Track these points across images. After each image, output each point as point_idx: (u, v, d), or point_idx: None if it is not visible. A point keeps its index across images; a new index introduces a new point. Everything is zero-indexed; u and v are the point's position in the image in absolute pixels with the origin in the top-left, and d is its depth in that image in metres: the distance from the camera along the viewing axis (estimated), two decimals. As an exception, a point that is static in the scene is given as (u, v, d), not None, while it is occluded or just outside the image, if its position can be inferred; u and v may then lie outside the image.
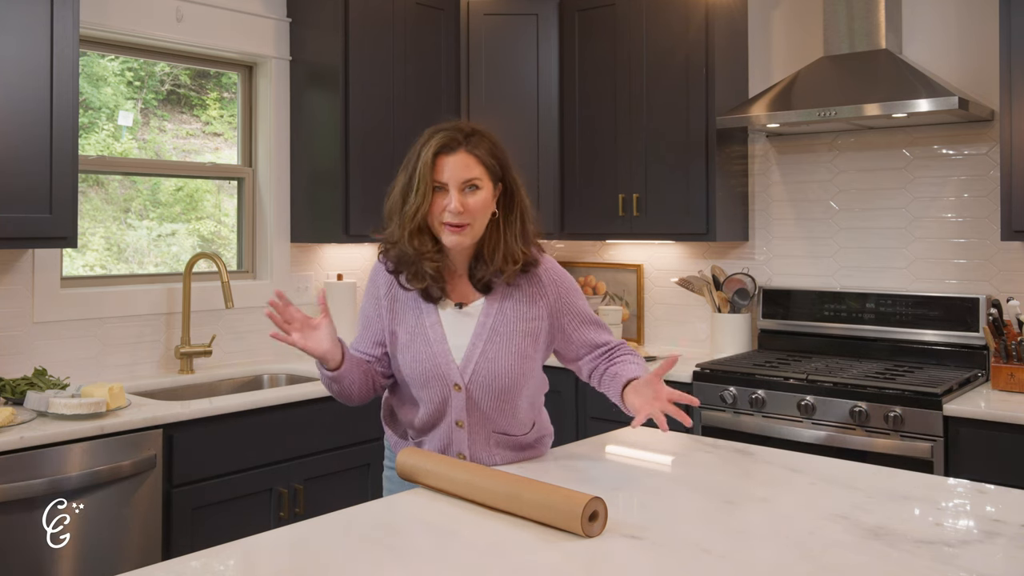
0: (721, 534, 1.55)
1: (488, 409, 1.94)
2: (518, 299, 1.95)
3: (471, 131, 1.89)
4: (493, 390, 1.92)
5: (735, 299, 3.77)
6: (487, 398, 1.93)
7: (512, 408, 1.97)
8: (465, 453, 1.97)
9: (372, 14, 3.66)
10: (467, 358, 1.92)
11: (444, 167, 1.85)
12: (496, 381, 1.91)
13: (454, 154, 1.85)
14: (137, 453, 2.58)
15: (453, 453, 1.98)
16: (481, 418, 1.95)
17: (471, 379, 1.91)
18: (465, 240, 1.88)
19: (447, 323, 1.94)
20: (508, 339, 1.92)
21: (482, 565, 1.44)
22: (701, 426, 3.31)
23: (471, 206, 1.85)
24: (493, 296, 1.95)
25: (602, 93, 3.94)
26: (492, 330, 1.93)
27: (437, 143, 1.86)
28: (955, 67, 3.37)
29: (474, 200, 1.85)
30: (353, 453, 3.17)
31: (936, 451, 2.81)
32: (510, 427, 2.00)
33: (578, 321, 2.02)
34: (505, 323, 1.93)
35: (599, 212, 3.96)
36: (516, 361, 1.92)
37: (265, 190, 3.77)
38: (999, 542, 1.50)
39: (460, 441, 1.96)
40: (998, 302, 3.08)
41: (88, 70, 3.37)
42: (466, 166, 1.85)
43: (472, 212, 1.85)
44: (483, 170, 1.87)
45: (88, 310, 3.16)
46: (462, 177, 1.85)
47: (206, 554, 1.48)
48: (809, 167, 3.75)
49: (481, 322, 1.93)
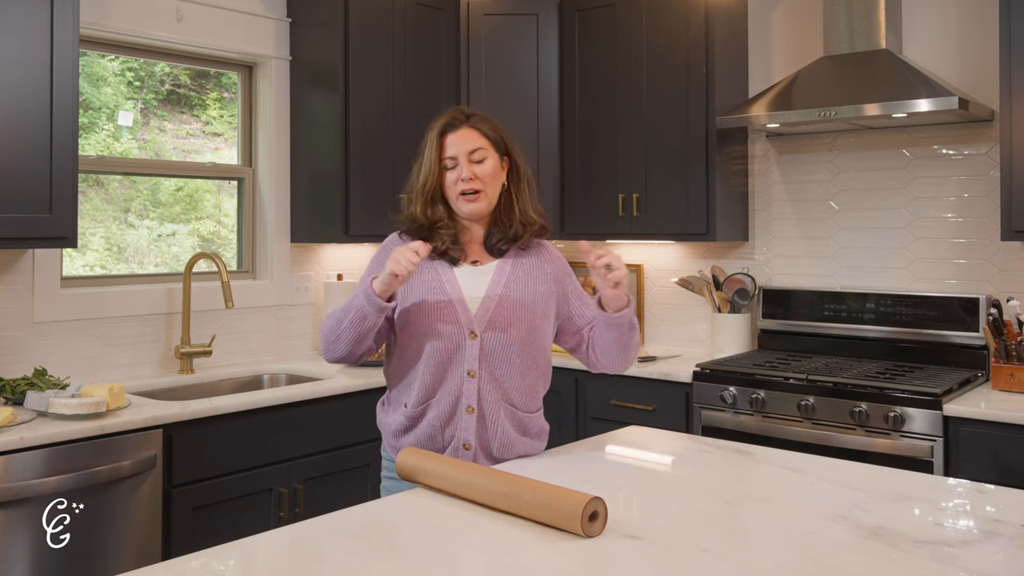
0: (721, 534, 1.55)
1: (500, 360, 2.00)
2: (528, 263, 2.10)
3: (471, 112, 2.10)
4: (506, 341, 2.01)
5: (735, 299, 3.77)
6: (500, 348, 2.01)
7: (520, 369, 2.03)
8: (473, 406, 1.99)
9: (372, 14, 3.66)
10: (483, 308, 2.02)
11: (451, 143, 2.04)
12: (510, 331, 2.01)
13: (458, 130, 2.05)
14: (137, 453, 2.58)
15: (462, 407, 1.99)
16: (492, 371, 2.00)
17: (486, 327, 2.00)
18: (481, 207, 2.04)
19: (462, 279, 2.06)
20: (521, 294, 2.04)
21: (482, 565, 1.44)
22: (701, 426, 3.31)
23: (480, 173, 2.03)
24: (506, 258, 2.09)
25: (602, 93, 3.95)
26: (506, 286, 2.04)
27: (441, 124, 2.07)
28: (955, 67, 3.37)
29: (482, 168, 2.03)
30: (353, 453, 3.17)
31: (936, 451, 2.81)
32: (518, 396, 2.04)
33: (579, 293, 2.17)
34: (518, 281, 2.06)
35: (599, 212, 3.96)
36: (527, 315, 2.03)
37: (265, 190, 3.77)
38: (999, 542, 1.50)
39: (471, 393, 2.00)
40: (998, 302, 3.08)
41: (88, 70, 3.38)
42: (470, 139, 2.04)
43: (483, 179, 2.03)
44: (487, 142, 2.05)
45: (88, 310, 3.16)
46: (468, 148, 2.03)
47: (206, 554, 1.48)
48: (809, 167, 3.75)
49: (495, 279, 2.05)
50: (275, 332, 3.75)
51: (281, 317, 3.77)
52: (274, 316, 3.75)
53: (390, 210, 3.71)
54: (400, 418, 2.07)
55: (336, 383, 3.17)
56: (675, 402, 3.39)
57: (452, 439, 2.02)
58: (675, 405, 3.39)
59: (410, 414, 2.05)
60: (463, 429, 2.01)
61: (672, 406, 3.40)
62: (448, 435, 2.02)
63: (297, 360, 3.70)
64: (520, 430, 2.06)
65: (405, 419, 2.05)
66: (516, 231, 2.08)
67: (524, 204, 2.10)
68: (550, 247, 2.16)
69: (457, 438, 2.01)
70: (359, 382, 3.20)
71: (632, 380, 3.49)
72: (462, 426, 2.01)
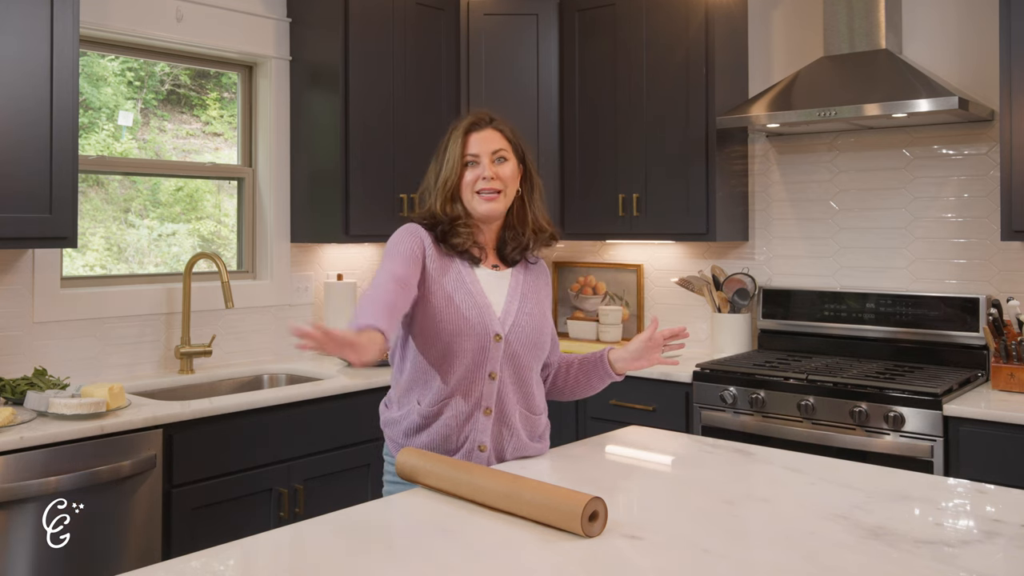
0: (721, 534, 1.55)
1: (520, 364, 2.04)
2: (532, 275, 2.17)
3: (493, 115, 2.15)
4: (528, 343, 2.05)
5: (735, 299, 3.77)
6: (523, 350, 2.04)
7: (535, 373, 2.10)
8: (492, 407, 2.00)
9: (372, 14, 3.66)
10: (506, 311, 2.05)
11: (475, 141, 2.07)
12: (532, 334, 2.06)
13: (483, 130, 2.09)
14: (137, 453, 2.58)
15: (481, 408, 2.00)
16: (513, 374, 2.04)
17: (511, 330, 2.03)
18: (498, 206, 2.06)
19: (484, 281, 2.08)
20: (535, 301, 2.11)
21: (482, 565, 1.44)
22: (701, 426, 3.31)
23: (502, 174, 2.06)
24: (518, 268, 2.15)
25: (602, 93, 3.95)
26: (523, 293, 2.10)
27: (467, 123, 2.10)
28: (955, 67, 3.37)
29: (503, 169, 2.07)
30: (353, 453, 3.17)
31: (936, 451, 2.81)
32: (531, 399, 2.09)
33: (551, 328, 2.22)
34: (530, 290, 2.13)
35: (599, 212, 3.96)
36: (542, 321, 2.10)
37: (265, 190, 3.77)
38: (999, 542, 1.50)
39: (490, 394, 2.01)
40: (998, 302, 3.08)
41: (88, 70, 3.38)
42: (494, 140, 2.08)
43: (503, 179, 2.06)
44: (508, 145, 2.10)
45: (88, 310, 3.16)
46: (492, 148, 2.07)
47: (206, 554, 1.48)
48: (809, 167, 3.75)
49: (513, 285, 2.10)
50: (275, 332, 3.75)
51: (281, 317, 3.77)
52: (274, 316, 3.75)
53: (391, 210, 3.73)
54: (414, 416, 2.02)
55: (336, 383, 3.17)
56: (675, 402, 3.39)
57: (467, 440, 2.00)
58: (675, 405, 3.39)
59: (425, 412, 2.01)
60: (479, 430, 2.00)
61: (672, 406, 3.40)
62: (464, 435, 2.00)
63: (297, 360, 3.70)
64: (531, 434, 2.09)
65: (419, 417, 2.01)
66: (528, 239, 2.12)
67: (536, 212, 2.15)
68: (540, 262, 2.23)
69: (472, 439, 1.99)
70: (359, 382, 3.20)
71: (632, 380, 3.49)
72: (479, 427, 2.00)
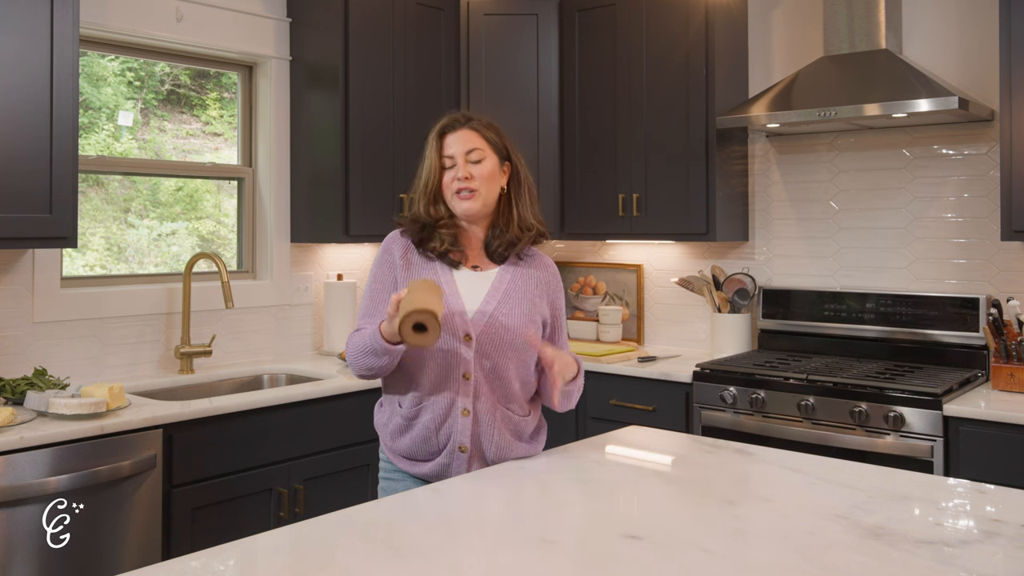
0: (721, 534, 1.55)
1: (495, 364, 2.01)
2: (526, 273, 2.13)
3: (472, 116, 2.15)
4: (501, 343, 2.02)
5: (735, 299, 3.77)
6: (495, 350, 2.02)
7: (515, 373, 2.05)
8: (469, 408, 2.00)
9: (372, 14, 3.66)
10: (480, 312, 2.04)
11: (450, 142, 2.08)
12: (506, 336, 2.03)
13: (457, 131, 2.09)
14: (137, 453, 2.58)
15: (458, 409, 2.00)
16: (489, 374, 2.01)
17: (482, 331, 2.02)
18: (475, 206, 2.05)
19: (461, 283, 2.07)
20: (519, 302, 2.08)
21: (482, 565, 1.44)
22: (701, 426, 3.31)
23: (477, 173, 2.05)
24: (506, 266, 2.12)
25: (602, 93, 3.94)
26: (505, 293, 2.07)
27: (441, 124, 2.11)
28: (955, 67, 3.37)
29: (479, 169, 2.06)
30: (353, 453, 3.17)
31: (936, 451, 2.81)
32: (513, 399, 2.06)
33: (561, 323, 2.20)
34: (516, 288, 2.09)
35: (599, 212, 3.96)
36: (524, 323, 2.06)
37: (265, 190, 3.77)
38: (999, 542, 1.50)
39: (466, 396, 2.00)
40: (998, 302, 3.08)
41: (88, 70, 3.37)
42: (468, 139, 2.08)
43: (479, 179, 2.05)
44: (485, 143, 2.09)
45: (88, 310, 3.16)
46: (465, 148, 2.07)
47: (206, 554, 1.48)
48: (809, 167, 3.75)
49: (495, 285, 2.08)
50: (275, 332, 3.75)
51: (281, 317, 3.77)
52: (274, 316, 3.75)
53: (391, 210, 3.73)
54: (396, 419, 2.08)
55: (336, 383, 3.17)
56: (675, 402, 3.39)
57: (448, 441, 2.02)
58: (675, 405, 3.39)
59: (405, 414, 2.06)
60: (458, 431, 2.01)
61: (672, 406, 3.40)
62: (443, 437, 2.02)
63: (297, 360, 3.70)
64: (515, 434, 2.07)
65: (401, 419, 2.07)
66: (514, 235, 2.10)
67: (523, 209, 2.12)
68: (545, 257, 2.21)
69: (452, 440, 2.01)
70: (359, 382, 3.20)
71: (632, 380, 3.49)
72: (457, 428, 2.01)
